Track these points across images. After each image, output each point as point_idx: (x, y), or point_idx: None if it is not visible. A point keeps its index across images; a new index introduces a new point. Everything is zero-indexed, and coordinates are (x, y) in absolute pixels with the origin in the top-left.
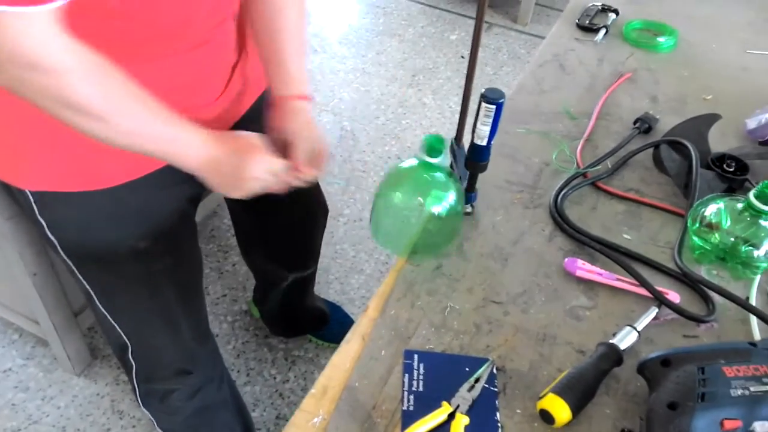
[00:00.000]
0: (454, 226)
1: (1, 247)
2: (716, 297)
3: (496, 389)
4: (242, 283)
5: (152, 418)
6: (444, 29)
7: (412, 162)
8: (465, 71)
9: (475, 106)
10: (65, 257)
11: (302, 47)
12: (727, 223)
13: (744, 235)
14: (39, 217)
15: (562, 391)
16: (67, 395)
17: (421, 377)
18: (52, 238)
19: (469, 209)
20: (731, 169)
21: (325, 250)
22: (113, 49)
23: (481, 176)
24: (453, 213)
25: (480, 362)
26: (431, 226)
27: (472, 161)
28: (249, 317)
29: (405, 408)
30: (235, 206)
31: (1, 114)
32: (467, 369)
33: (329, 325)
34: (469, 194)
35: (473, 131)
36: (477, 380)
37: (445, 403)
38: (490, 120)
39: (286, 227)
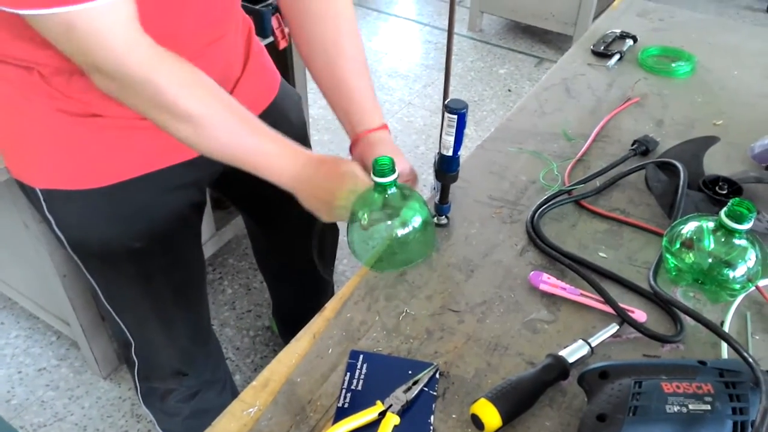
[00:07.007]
0: (420, 243)
1: (34, 249)
2: (688, 319)
3: (435, 393)
4: (268, 300)
5: (153, 418)
6: (493, 63)
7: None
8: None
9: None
10: (72, 253)
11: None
12: (710, 245)
13: (722, 257)
14: (47, 214)
15: (494, 398)
16: (92, 396)
17: (362, 377)
18: (60, 234)
19: (444, 221)
20: (723, 192)
21: (354, 266)
22: None
23: (463, 190)
24: (416, 231)
25: (424, 366)
26: (394, 244)
27: (441, 171)
28: (270, 333)
29: (340, 405)
30: (249, 219)
31: (13, 114)
32: (410, 372)
33: None
34: (442, 206)
35: (440, 142)
36: (415, 382)
37: (378, 402)
38: (454, 130)
39: (294, 239)
